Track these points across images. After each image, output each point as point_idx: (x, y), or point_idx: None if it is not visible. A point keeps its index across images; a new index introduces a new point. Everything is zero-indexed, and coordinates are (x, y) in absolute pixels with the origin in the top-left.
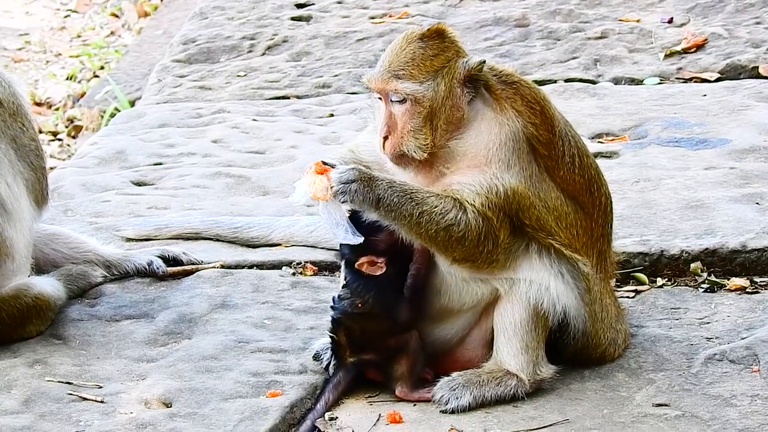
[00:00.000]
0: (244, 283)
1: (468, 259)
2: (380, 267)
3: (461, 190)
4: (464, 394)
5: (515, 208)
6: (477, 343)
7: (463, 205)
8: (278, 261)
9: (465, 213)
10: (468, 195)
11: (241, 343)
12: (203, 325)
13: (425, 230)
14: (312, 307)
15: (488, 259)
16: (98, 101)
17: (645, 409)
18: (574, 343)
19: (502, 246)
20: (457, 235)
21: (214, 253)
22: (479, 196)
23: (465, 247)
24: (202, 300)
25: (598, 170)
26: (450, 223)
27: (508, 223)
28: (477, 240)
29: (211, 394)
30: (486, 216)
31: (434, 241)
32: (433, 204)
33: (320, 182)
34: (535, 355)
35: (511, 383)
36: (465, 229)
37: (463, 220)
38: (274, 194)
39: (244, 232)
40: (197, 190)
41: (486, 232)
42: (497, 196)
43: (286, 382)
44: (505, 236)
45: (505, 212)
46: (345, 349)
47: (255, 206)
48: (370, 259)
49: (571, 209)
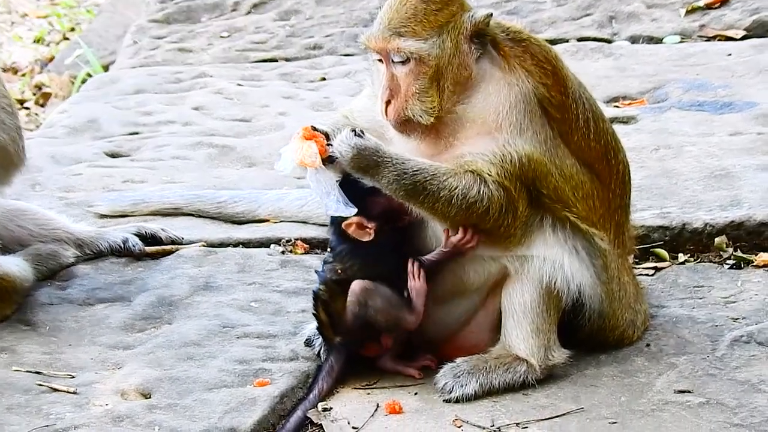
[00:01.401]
0: (228, 263)
1: (488, 233)
2: (368, 233)
3: (474, 161)
4: (469, 381)
5: (531, 176)
6: (483, 326)
7: (482, 178)
8: (266, 238)
9: (486, 186)
10: (483, 166)
11: (225, 328)
12: (184, 309)
13: (442, 210)
14: (303, 288)
15: (505, 234)
16: (68, 66)
17: (666, 396)
18: (589, 325)
19: (521, 219)
20: (479, 211)
21: (195, 231)
22: (494, 166)
23: (484, 221)
24: (183, 281)
25: (614, 136)
26: (473, 201)
27: (526, 193)
28: (498, 214)
29: (193, 384)
30: (505, 187)
31: (451, 219)
32: (453, 185)
33: (309, 148)
34: (546, 339)
35: (520, 369)
36: (488, 203)
37: (485, 194)
38: (260, 165)
39: (228, 207)
40: (177, 161)
41: (507, 204)
42: (512, 164)
43: (275, 370)
44: (524, 208)
45: (522, 181)
46: (328, 327)
47: (240, 178)
48: (359, 220)
49: (587, 178)
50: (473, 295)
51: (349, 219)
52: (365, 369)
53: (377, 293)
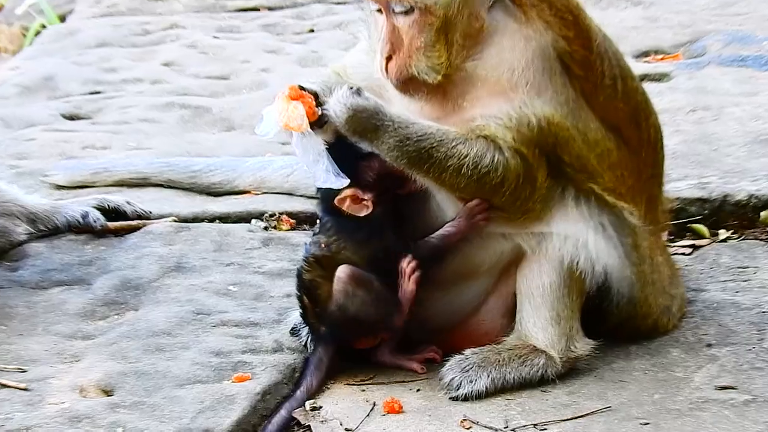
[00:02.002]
0: (203, 241)
1: (503, 208)
2: (365, 205)
3: (487, 125)
4: (480, 376)
5: (552, 142)
6: (495, 313)
7: (497, 145)
8: (246, 212)
9: (501, 153)
10: (497, 130)
11: (200, 315)
12: (152, 293)
13: (451, 181)
14: (288, 269)
15: (523, 208)
16: (20, 16)
17: (706, 393)
18: (617, 312)
19: (540, 191)
20: (493, 182)
21: (166, 204)
22: (509, 131)
23: (499, 195)
24: (151, 262)
25: (645, 96)
26: (486, 170)
27: (545, 161)
28: (515, 185)
29: (162, 379)
30: (522, 154)
31: (460, 192)
32: (462, 153)
33: (295, 110)
34: (568, 327)
35: (538, 362)
36: (504, 173)
37: (500, 163)
38: (240, 129)
39: (203, 176)
40: (145, 124)
41: (524, 174)
42: (530, 128)
43: (257, 363)
44: (543, 179)
45: (541, 148)
46: (312, 314)
47: (217, 144)
48: (353, 193)
49: (614, 145)
50: (484, 277)
51: (343, 193)
52: (360, 362)
53: (366, 284)
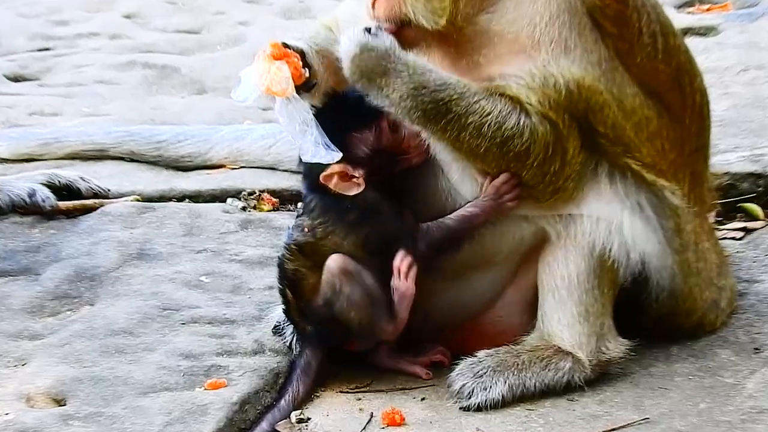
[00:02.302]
0: (171, 223)
1: (529, 184)
2: (356, 183)
3: (508, 85)
4: (495, 382)
5: (583, 108)
6: (513, 308)
7: (523, 107)
8: (221, 190)
9: (528, 117)
10: (520, 91)
11: (167, 311)
12: (111, 285)
13: (470, 144)
14: (270, 257)
15: (553, 186)
16: None
17: (760, 402)
18: (656, 307)
19: (572, 166)
20: (518, 149)
21: (126, 179)
22: (533, 93)
23: (524, 166)
24: (110, 248)
25: (689, 55)
26: (511, 134)
27: (577, 130)
28: (543, 156)
29: (123, 386)
30: (551, 119)
31: (480, 158)
32: (485, 110)
33: (279, 71)
34: (599, 325)
35: (564, 366)
36: (530, 140)
37: (527, 127)
38: (214, 92)
39: (170, 147)
40: (102, 87)
41: (554, 143)
42: (556, 90)
43: (234, 368)
44: (576, 151)
45: (572, 115)
46: (296, 310)
47: (186, 109)
48: (342, 169)
49: (653, 112)
50: (500, 266)
51: (329, 168)
52: (354, 366)
53: (358, 281)
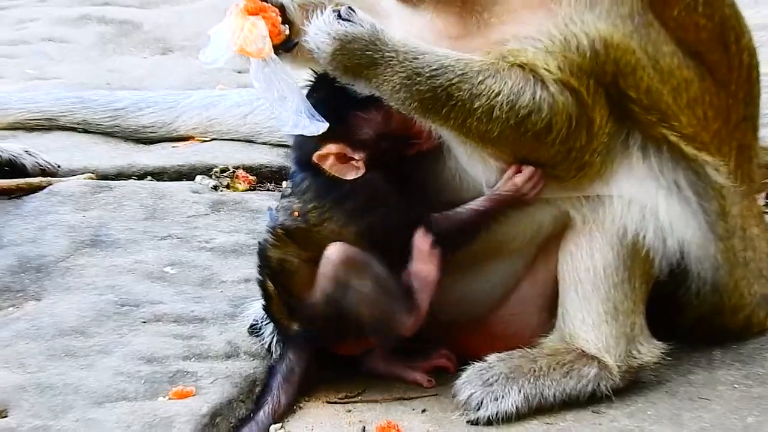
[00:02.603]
0: (130, 205)
1: (551, 163)
2: (355, 167)
3: (523, 49)
4: (508, 392)
5: (611, 71)
6: (530, 305)
7: (538, 77)
8: (189, 166)
9: (545, 88)
10: (536, 56)
11: (125, 307)
12: (60, 277)
13: (479, 129)
14: (246, 244)
15: (578, 163)
16: None
17: None
18: (697, 303)
19: (600, 139)
20: (536, 128)
21: (79, 154)
22: (553, 57)
23: (544, 146)
24: (59, 234)
25: (734, 8)
26: (526, 112)
27: (605, 97)
28: (566, 132)
29: (74, 395)
30: (572, 88)
31: (493, 143)
32: (493, 89)
33: (254, 28)
34: (629, 325)
35: (588, 373)
36: (550, 115)
37: (544, 100)
38: (180, 52)
39: (130, 116)
40: (50, 46)
41: (578, 115)
42: (580, 52)
43: (203, 373)
44: (604, 121)
45: (598, 80)
46: (279, 306)
47: (149, 73)
48: (340, 149)
49: (694, 74)
50: (515, 256)
51: (325, 147)
52: (343, 372)
53: (367, 271)
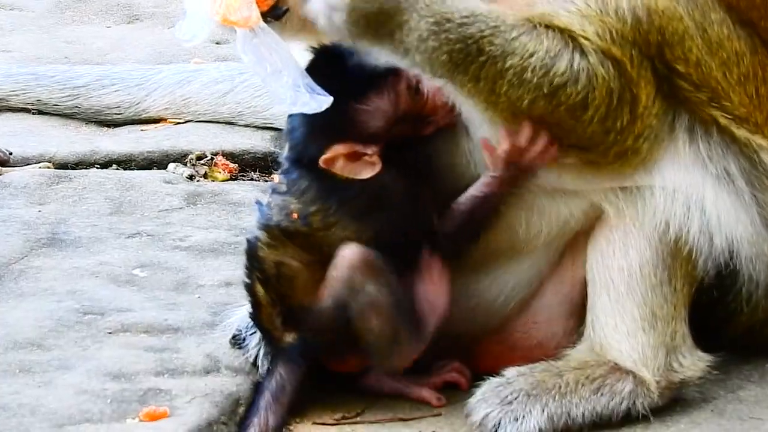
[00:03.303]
0: (93, 197)
1: (582, 146)
2: (371, 162)
3: (555, 13)
4: (530, 411)
5: (656, 41)
6: (554, 311)
7: (576, 43)
8: (160, 153)
9: (585, 56)
10: (571, 21)
11: (88, 315)
12: (14, 281)
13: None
14: (227, 242)
15: (617, 145)
16: None
17: None
18: (748, 310)
19: (645, 119)
20: (572, 101)
21: (33, 138)
22: (590, 22)
23: (582, 122)
24: (12, 231)
25: None
26: (562, 81)
27: (651, 70)
28: (606, 108)
29: (30, 417)
30: (614, 58)
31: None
32: (528, 48)
33: None
34: (669, 334)
35: (622, 389)
36: (588, 87)
37: (583, 70)
38: (150, 20)
39: (92, 95)
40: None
41: (620, 90)
42: (620, 18)
43: (179, 391)
44: (650, 99)
45: (642, 49)
46: (270, 315)
47: (113, 46)
48: (349, 149)
49: (746, 47)
50: (538, 255)
51: (330, 150)
52: (340, 389)
53: (383, 276)
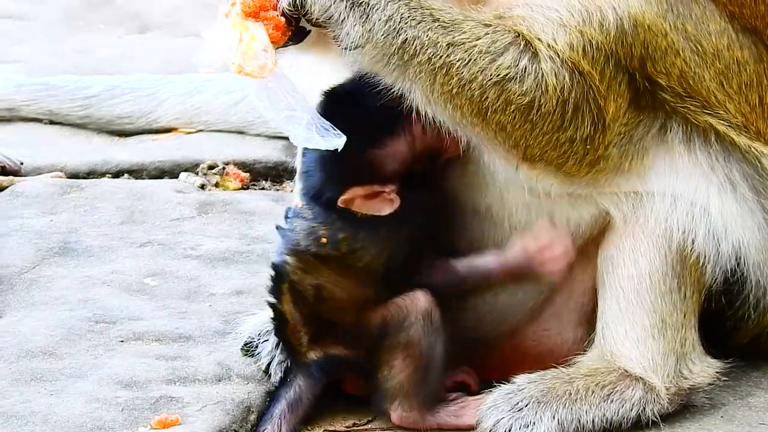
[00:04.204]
0: (105, 206)
1: (551, 157)
2: (389, 200)
3: (531, 18)
4: (541, 418)
5: (639, 54)
6: (564, 319)
7: (531, 46)
8: (171, 162)
9: (535, 60)
10: (543, 30)
11: (100, 324)
12: (25, 291)
13: (459, 87)
14: (238, 251)
15: (585, 155)
16: None
17: None
18: (756, 316)
19: (613, 129)
20: (521, 100)
21: (45, 148)
22: (567, 32)
23: (538, 128)
24: (24, 240)
25: None
26: (508, 75)
27: (626, 83)
28: (561, 116)
29: (43, 425)
30: (580, 70)
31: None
32: (473, 34)
33: (252, 41)
34: (679, 341)
35: (632, 396)
36: (535, 90)
37: (530, 72)
38: (161, 30)
39: (103, 105)
40: (9, 23)
41: (577, 100)
42: (603, 29)
43: (191, 399)
44: (620, 111)
45: (621, 62)
46: (297, 332)
47: (124, 55)
48: (367, 191)
49: (749, 55)
50: None
51: (349, 193)
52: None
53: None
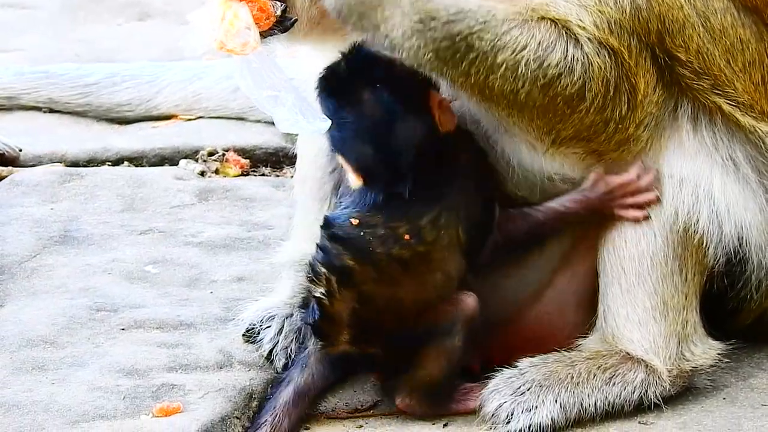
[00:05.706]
0: (105, 194)
1: (583, 137)
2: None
3: (553, 3)
4: (543, 401)
5: (656, 28)
6: (566, 302)
7: (571, 33)
8: (171, 149)
9: (579, 47)
10: (568, 11)
11: (101, 312)
12: (26, 279)
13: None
14: (238, 237)
15: (619, 134)
16: None
17: None
18: (758, 298)
19: (645, 107)
20: (568, 92)
21: (45, 136)
22: (587, 12)
23: (579, 113)
24: (24, 229)
25: None
26: (557, 72)
27: (650, 59)
28: (603, 98)
29: (44, 414)
30: (612, 48)
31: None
32: (518, 43)
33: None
34: (680, 323)
35: (634, 378)
36: (583, 78)
37: (578, 60)
38: (160, 18)
39: (103, 93)
40: (10, 13)
41: (617, 79)
42: (619, 7)
43: (192, 386)
44: (649, 86)
45: (641, 38)
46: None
47: (124, 43)
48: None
49: (751, 34)
50: (549, 246)
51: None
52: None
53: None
